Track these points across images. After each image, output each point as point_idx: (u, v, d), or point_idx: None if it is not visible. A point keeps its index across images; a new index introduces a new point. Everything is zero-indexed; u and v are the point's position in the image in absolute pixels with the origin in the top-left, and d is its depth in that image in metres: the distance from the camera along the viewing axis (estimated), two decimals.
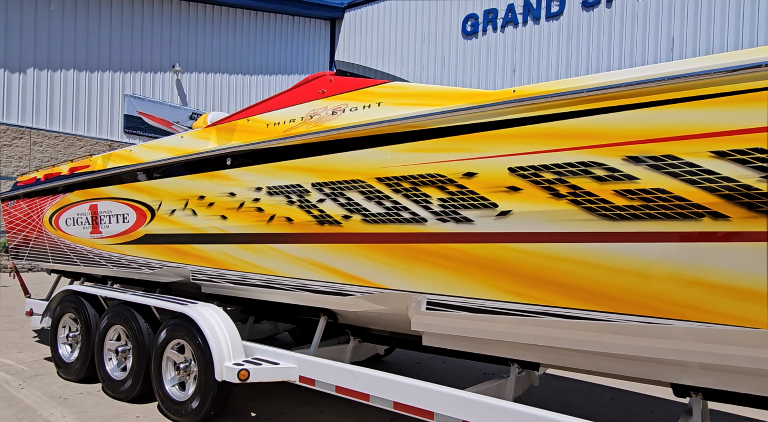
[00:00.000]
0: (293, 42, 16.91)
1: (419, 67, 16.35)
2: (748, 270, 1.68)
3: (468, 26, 15.26)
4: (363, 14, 17.73)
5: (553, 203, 2.01)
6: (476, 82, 15.07)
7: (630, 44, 12.45)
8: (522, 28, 14.22)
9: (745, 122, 1.64)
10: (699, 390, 2.28)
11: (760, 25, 10.68)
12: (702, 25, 11.42)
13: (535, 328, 2.24)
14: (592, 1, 12.95)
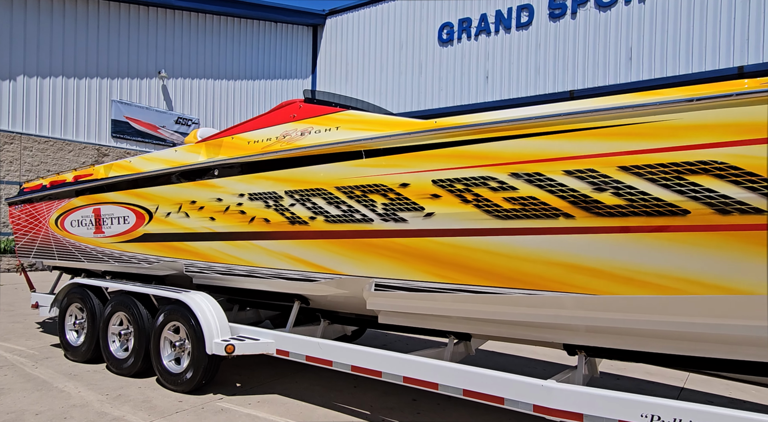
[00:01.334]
0: (276, 48, 17.46)
1: (398, 72, 17.02)
2: (590, 254, 2.37)
3: (444, 34, 15.98)
4: (344, 21, 18.34)
5: (463, 207, 2.68)
6: (451, 87, 15.79)
7: (593, 53, 13.29)
8: (494, 37, 14.99)
9: (582, 151, 2.32)
10: (582, 349, 2.97)
11: (707, 35, 11.57)
12: (657, 37, 12.30)
13: (457, 303, 2.91)
14: (558, 12, 13.76)
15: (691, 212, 2.12)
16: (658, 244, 2.21)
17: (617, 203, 2.27)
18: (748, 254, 2.05)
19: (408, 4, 16.78)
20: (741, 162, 2.01)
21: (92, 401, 3.60)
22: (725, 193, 2.04)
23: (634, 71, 12.56)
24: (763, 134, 1.97)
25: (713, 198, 2.07)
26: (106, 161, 13.10)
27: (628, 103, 2.26)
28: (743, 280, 2.08)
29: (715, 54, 11.36)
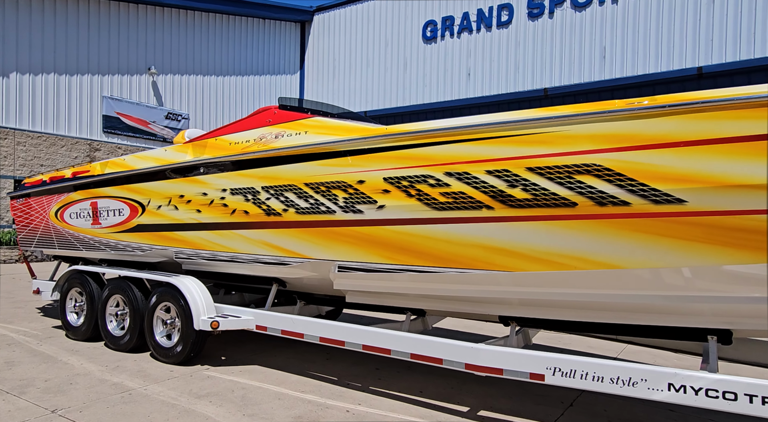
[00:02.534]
0: (265, 44, 17.80)
1: (384, 69, 17.46)
2: (505, 238, 2.90)
3: (428, 32, 16.43)
4: (331, 18, 18.70)
5: (408, 200, 3.20)
6: (435, 83, 16.27)
7: (569, 51, 13.82)
8: (476, 35, 15.47)
9: (499, 154, 2.85)
10: (513, 319, 3.52)
11: (675, 35, 12.13)
12: (629, 36, 12.84)
13: (406, 282, 3.44)
14: (536, 12, 14.26)
15: (578, 204, 2.65)
16: (555, 229, 2.75)
17: (525, 197, 2.80)
18: (619, 237, 2.59)
19: (393, 2, 17.18)
20: (613, 165, 2.54)
21: (93, 371, 4.10)
22: (602, 189, 2.58)
23: (607, 69, 13.11)
24: (627, 143, 2.50)
25: (594, 193, 2.60)
26: (98, 156, 13.48)
27: (533, 117, 2.78)
28: (617, 257, 2.63)
29: (681, 54, 11.92)
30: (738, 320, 2.74)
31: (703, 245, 2.45)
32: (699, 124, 2.36)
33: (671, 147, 2.42)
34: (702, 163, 2.36)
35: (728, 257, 2.42)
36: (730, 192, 2.33)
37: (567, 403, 3.58)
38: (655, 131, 2.45)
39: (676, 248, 2.50)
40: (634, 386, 2.66)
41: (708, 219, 2.40)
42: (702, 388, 2.53)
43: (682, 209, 2.43)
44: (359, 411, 3.36)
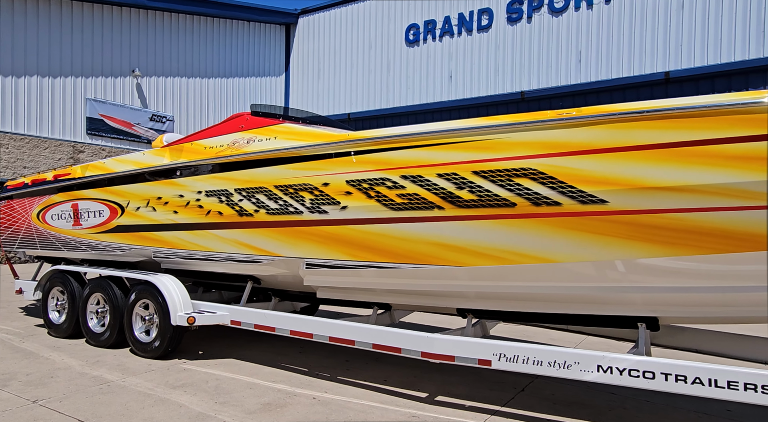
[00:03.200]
0: (250, 46, 17.96)
1: (367, 71, 17.71)
2: (454, 235, 3.16)
3: (410, 35, 16.71)
4: (316, 20, 18.91)
5: (368, 201, 3.45)
6: (418, 86, 16.56)
7: (546, 55, 14.19)
8: (457, 39, 15.78)
9: (448, 159, 3.11)
10: (470, 312, 3.79)
11: (646, 40, 12.54)
12: (603, 41, 13.24)
13: (368, 278, 3.69)
14: (515, 17, 14.61)
15: (517, 204, 2.93)
16: (498, 227, 3.02)
17: (472, 198, 3.07)
18: (553, 233, 2.87)
19: (377, 6, 17.44)
20: (546, 169, 2.81)
21: (74, 365, 4.29)
22: (537, 190, 2.85)
23: (583, 73, 13.49)
24: (558, 149, 2.78)
25: (530, 194, 2.88)
26: (82, 158, 13.54)
27: (477, 125, 3.05)
28: (551, 252, 2.90)
29: (652, 59, 12.33)
30: (661, 308, 3.04)
31: (623, 241, 2.73)
32: (617, 133, 2.64)
33: (594, 153, 2.70)
34: (620, 167, 2.64)
35: (645, 252, 2.71)
36: (645, 193, 2.61)
37: (519, 388, 3.86)
38: (581, 139, 2.73)
39: (600, 243, 2.78)
40: (569, 368, 2.95)
41: (626, 217, 2.69)
42: (626, 369, 2.82)
43: (604, 208, 2.72)
44: (325, 398, 3.60)
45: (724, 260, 2.58)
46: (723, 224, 2.50)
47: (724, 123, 2.41)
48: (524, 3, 14.47)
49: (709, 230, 2.54)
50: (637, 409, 3.49)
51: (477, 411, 3.38)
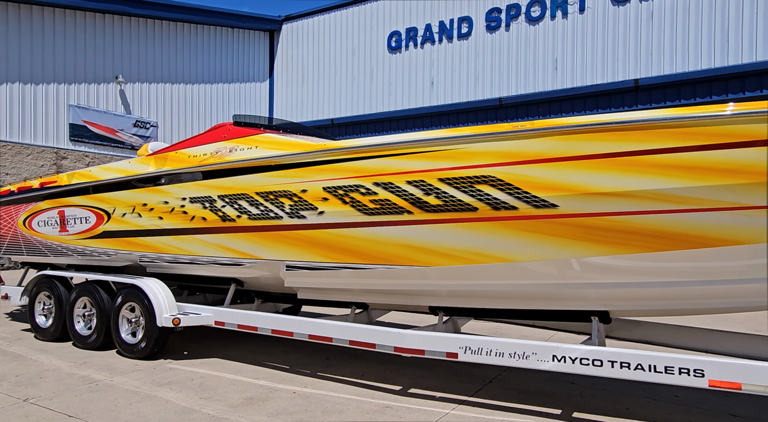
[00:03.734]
0: (234, 53, 18.09)
1: (351, 77, 17.95)
2: (423, 238, 3.42)
3: (393, 42, 17.01)
4: (299, 27, 19.12)
5: (343, 207, 3.69)
6: (400, 92, 16.85)
7: (524, 62, 14.60)
8: (438, 46, 16.12)
9: (417, 167, 3.37)
10: (441, 309, 4.05)
11: (619, 48, 13.02)
12: (578, 49, 13.70)
13: (344, 278, 3.92)
14: (494, 25, 15.01)
15: (479, 209, 3.20)
16: (461, 230, 3.28)
17: (438, 203, 3.33)
18: (510, 235, 3.14)
19: (359, 13, 17.73)
20: (504, 176, 3.09)
21: (62, 366, 4.45)
22: (496, 196, 3.13)
23: (559, 80, 13.92)
24: (514, 158, 3.05)
25: (490, 199, 3.15)
26: (65, 164, 13.53)
27: (442, 136, 3.32)
28: (509, 252, 3.18)
29: (625, 66, 12.80)
30: (610, 302, 3.33)
31: (573, 241, 3.02)
32: (565, 144, 2.93)
33: (546, 162, 2.99)
34: (568, 175, 2.93)
35: (592, 251, 3.00)
36: (591, 198, 2.90)
37: (487, 381, 4.13)
38: (534, 149, 3.02)
39: (552, 243, 3.06)
40: (527, 358, 3.22)
41: (575, 220, 2.97)
42: (577, 358, 3.10)
43: (555, 212, 3.00)
44: (305, 392, 3.83)
45: (659, 258, 2.88)
46: (657, 226, 2.80)
47: (655, 136, 2.71)
48: (502, 12, 14.88)
49: (646, 231, 2.83)
50: (593, 396, 3.77)
51: (446, 401, 3.63)
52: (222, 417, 3.31)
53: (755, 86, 9.02)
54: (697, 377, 2.82)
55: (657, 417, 3.38)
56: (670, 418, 3.36)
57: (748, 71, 9.22)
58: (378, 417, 3.31)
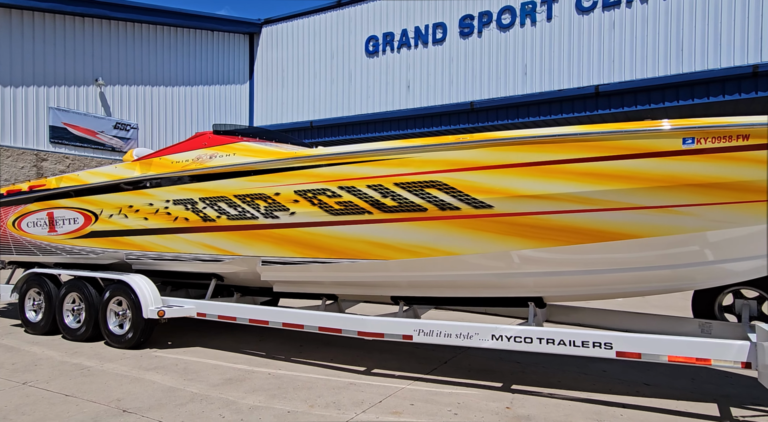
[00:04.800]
0: (214, 55, 18.33)
1: (330, 80, 18.37)
2: (380, 235, 3.90)
3: (370, 46, 17.48)
4: (279, 30, 19.45)
5: (312, 208, 4.15)
6: (378, 95, 17.34)
7: (496, 67, 15.23)
8: (414, 51, 16.65)
9: (376, 173, 3.85)
10: (401, 299, 4.54)
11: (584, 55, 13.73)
12: (545, 54, 14.38)
13: (314, 272, 4.39)
14: (467, 31, 15.61)
15: (428, 209, 3.70)
16: (414, 228, 3.78)
17: (394, 204, 3.82)
18: (455, 232, 3.65)
19: (338, 17, 18.15)
20: (448, 181, 3.59)
21: (54, 356, 4.82)
22: (442, 198, 3.63)
23: (528, 85, 14.58)
24: (457, 166, 3.56)
25: (437, 201, 3.65)
26: (45, 166, 13.66)
27: (396, 146, 3.81)
28: (453, 247, 3.69)
29: (589, 72, 13.52)
30: (543, 289, 3.87)
31: (507, 237, 3.54)
32: (498, 154, 3.45)
33: (483, 169, 3.50)
34: (501, 180, 3.45)
35: (523, 245, 3.53)
36: (519, 200, 3.43)
37: (442, 362, 4.64)
38: (473, 158, 3.53)
39: (489, 239, 3.58)
40: (470, 338, 3.74)
41: (507, 218, 3.50)
42: (512, 336, 3.63)
43: (491, 211, 3.52)
44: (279, 373, 4.28)
45: (576, 250, 3.43)
46: (572, 223, 3.34)
47: (569, 148, 3.25)
48: (475, 18, 15.48)
49: (564, 227, 3.37)
50: (533, 372, 4.32)
51: (404, 379, 4.13)
52: (204, 394, 3.75)
53: (702, 94, 9.76)
54: (607, 349, 3.37)
55: (583, 387, 3.94)
56: (594, 387, 3.92)
57: (696, 79, 9.95)
58: (342, 392, 3.79)
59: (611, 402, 3.60)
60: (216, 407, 3.49)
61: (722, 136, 2.92)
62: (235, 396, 3.69)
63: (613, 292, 3.85)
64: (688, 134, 2.99)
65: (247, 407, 3.49)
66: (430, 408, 3.47)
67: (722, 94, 9.58)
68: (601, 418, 3.31)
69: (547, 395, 3.76)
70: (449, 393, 3.80)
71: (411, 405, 3.53)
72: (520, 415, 3.36)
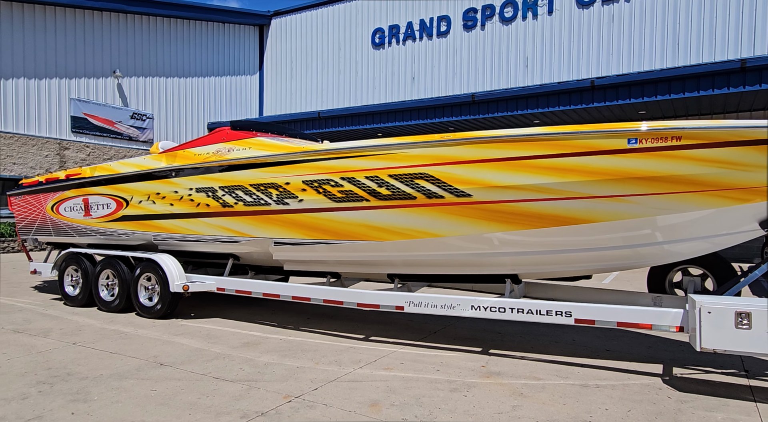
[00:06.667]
0: (225, 47, 18.90)
1: (337, 71, 18.88)
2: (377, 219, 4.51)
3: (376, 38, 17.94)
4: (288, 22, 19.94)
5: (317, 196, 4.77)
6: (383, 86, 17.83)
7: (498, 59, 15.65)
8: (419, 43, 17.10)
9: (372, 166, 4.44)
10: (397, 276, 5.17)
11: (583, 48, 14.10)
12: (546, 47, 14.76)
13: (320, 252, 5.02)
14: (470, 24, 16.00)
15: (417, 198, 4.30)
16: (404, 213, 4.38)
17: (388, 193, 4.42)
18: (440, 217, 4.25)
19: (345, 10, 18.60)
20: (434, 173, 4.18)
21: (94, 324, 5.53)
22: (429, 188, 4.22)
23: (529, 77, 15.00)
24: (442, 160, 4.15)
25: (425, 190, 4.25)
26: (67, 154, 14.41)
27: (390, 143, 4.40)
28: (438, 230, 4.29)
29: (588, 65, 13.91)
30: (518, 267, 4.47)
31: (484, 222, 4.14)
32: (476, 150, 4.03)
33: (464, 163, 4.09)
34: (479, 172, 4.03)
35: (498, 228, 4.12)
36: (494, 190, 4.01)
37: (432, 332, 5.28)
38: (455, 153, 4.11)
39: (468, 223, 4.18)
40: (453, 308, 4.36)
41: (484, 205, 4.09)
42: (488, 307, 4.24)
43: (470, 199, 4.11)
44: (289, 339, 4.95)
45: (543, 233, 4.02)
46: (538, 210, 3.93)
47: (535, 146, 3.82)
48: (478, 11, 15.87)
49: (531, 213, 3.96)
50: (510, 341, 4.94)
51: (397, 344, 4.78)
52: (226, 353, 4.42)
53: (693, 88, 10.18)
54: (566, 317, 3.98)
55: (551, 351, 4.55)
56: (561, 352, 4.53)
57: (687, 74, 10.36)
58: (343, 354, 4.44)
59: (572, 363, 4.21)
60: (237, 363, 4.16)
61: (659, 137, 3.48)
62: (252, 355, 4.36)
63: (578, 269, 4.44)
64: (631, 135, 3.55)
65: (262, 363, 4.16)
66: (416, 366, 4.11)
67: (712, 88, 10.00)
68: (560, 374, 3.93)
69: (518, 357, 4.38)
70: (434, 355, 4.44)
71: (401, 363, 4.17)
72: (492, 371, 3.99)
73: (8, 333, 5.10)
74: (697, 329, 3.37)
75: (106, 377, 3.76)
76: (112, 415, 3.07)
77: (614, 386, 3.65)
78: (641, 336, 5.07)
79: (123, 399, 3.34)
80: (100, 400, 3.31)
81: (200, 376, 3.80)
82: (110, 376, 3.77)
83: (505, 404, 3.30)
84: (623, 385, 3.66)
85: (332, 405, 3.25)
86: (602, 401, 3.36)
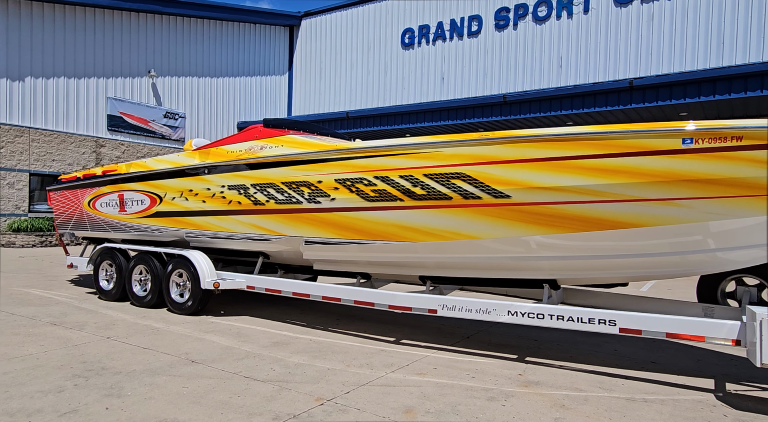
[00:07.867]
0: (256, 47, 19.13)
1: (366, 71, 18.86)
2: (410, 220, 4.40)
3: (406, 38, 17.84)
4: (318, 23, 20.04)
5: (350, 195, 4.69)
6: (413, 86, 17.71)
7: (531, 59, 15.33)
8: (449, 43, 16.91)
9: (407, 165, 4.33)
10: (429, 278, 5.04)
11: (621, 48, 13.66)
12: (581, 47, 14.37)
13: (351, 252, 4.94)
14: (502, 23, 15.73)
15: (453, 198, 4.17)
16: (439, 214, 4.26)
17: (422, 193, 4.31)
18: (476, 218, 4.11)
19: (375, 10, 18.57)
20: (471, 173, 4.05)
21: (127, 318, 5.59)
22: (465, 188, 4.09)
23: (563, 77, 14.63)
24: (479, 160, 4.01)
25: (461, 191, 4.11)
26: (103, 152, 14.81)
27: (426, 142, 4.28)
28: (475, 231, 4.15)
29: (626, 65, 13.47)
30: (557, 272, 4.29)
31: (523, 224, 3.98)
32: (516, 150, 3.88)
33: (502, 163, 3.94)
34: (518, 173, 3.88)
35: (537, 231, 3.95)
36: (534, 191, 3.85)
37: (465, 337, 5.13)
38: (494, 153, 3.97)
39: (507, 225, 4.02)
40: (489, 313, 4.21)
41: (524, 207, 3.93)
42: (526, 313, 4.08)
43: (509, 201, 3.96)
44: (318, 340, 4.88)
45: (586, 237, 3.83)
46: (581, 213, 3.75)
47: (578, 146, 3.64)
48: (511, 11, 15.58)
49: (574, 216, 3.78)
50: (548, 349, 4.75)
51: (429, 349, 4.65)
52: (256, 352, 4.38)
53: (740, 88, 9.70)
54: (611, 326, 3.78)
55: (592, 362, 4.35)
56: (603, 362, 4.32)
57: (734, 74, 9.89)
58: (374, 357, 4.34)
59: (616, 375, 4.00)
60: (267, 363, 4.11)
61: (718, 137, 3.25)
62: (282, 355, 4.31)
63: (621, 276, 4.23)
64: (687, 135, 3.34)
65: (293, 364, 4.09)
66: (450, 372, 3.98)
67: (761, 88, 9.50)
68: (603, 385, 3.73)
69: (557, 366, 4.20)
70: (469, 361, 4.30)
71: (434, 369, 4.05)
72: (530, 381, 3.82)
73: (46, 325, 5.20)
74: (758, 343, 3.14)
75: (139, 372, 3.76)
76: (146, 411, 3.05)
77: (663, 401, 3.43)
78: (687, 348, 4.81)
79: (156, 395, 3.32)
80: (133, 396, 3.30)
81: (231, 375, 3.76)
82: (143, 372, 3.77)
83: (546, 416, 3.14)
84: (673, 400, 3.44)
85: (365, 410, 3.15)
86: (651, 416, 3.15)
